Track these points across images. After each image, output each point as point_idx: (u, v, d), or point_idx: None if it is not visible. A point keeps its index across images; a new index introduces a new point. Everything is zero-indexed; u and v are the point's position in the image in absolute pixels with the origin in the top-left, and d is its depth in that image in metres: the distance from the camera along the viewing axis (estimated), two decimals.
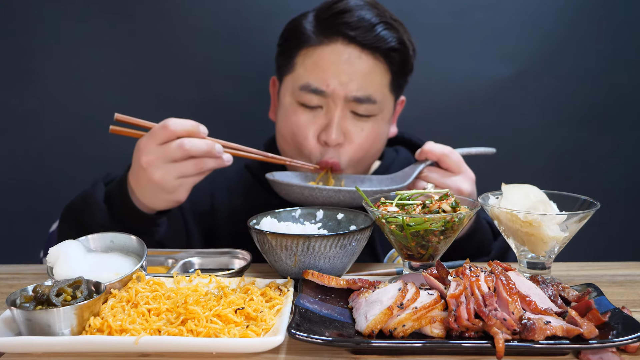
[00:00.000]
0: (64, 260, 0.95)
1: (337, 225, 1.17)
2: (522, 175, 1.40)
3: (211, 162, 1.15)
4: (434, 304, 0.83)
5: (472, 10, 1.84)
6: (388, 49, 1.39)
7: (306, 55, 1.41)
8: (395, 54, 1.41)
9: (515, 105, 1.90)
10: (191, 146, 1.12)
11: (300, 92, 1.39)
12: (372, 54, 1.39)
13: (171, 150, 1.11)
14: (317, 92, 1.38)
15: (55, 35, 1.78)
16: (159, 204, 1.20)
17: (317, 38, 1.40)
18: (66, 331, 0.81)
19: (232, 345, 0.79)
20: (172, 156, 1.12)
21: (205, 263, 1.17)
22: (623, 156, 1.95)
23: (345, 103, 1.38)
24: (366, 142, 1.42)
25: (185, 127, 1.13)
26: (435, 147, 1.27)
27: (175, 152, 1.11)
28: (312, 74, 1.39)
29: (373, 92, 1.39)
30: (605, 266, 1.23)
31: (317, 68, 1.38)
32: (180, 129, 1.12)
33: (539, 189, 1.09)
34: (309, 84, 1.38)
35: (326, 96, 1.38)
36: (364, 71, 1.38)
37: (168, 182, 1.13)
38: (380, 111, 1.42)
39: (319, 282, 0.95)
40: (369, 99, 1.38)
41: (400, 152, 1.63)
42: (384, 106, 1.43)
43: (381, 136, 1.47)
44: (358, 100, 1.37)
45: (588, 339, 0.78)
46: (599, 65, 1.89)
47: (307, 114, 1.40)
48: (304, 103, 1.40)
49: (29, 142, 1.82)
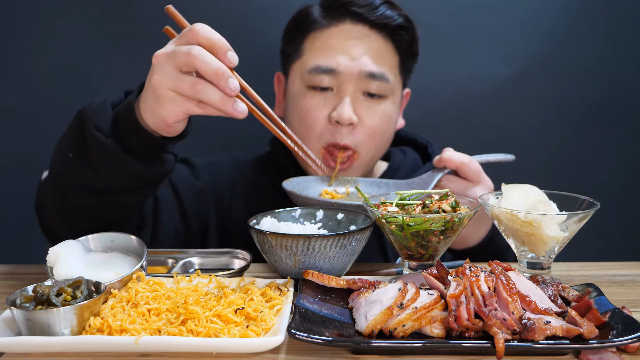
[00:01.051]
0: (64, 260, 0.95)
1: (337, 225, 1.17)
2: (522, 175, 1.40)
3: (214, 93, 0.94)
4: (434, 304, 0.83)
5: (472, 10, 1.85)
6: (396, 27, 1.40)
7: (314, 39, 1.40)
8: (403, 33, 1.41)
9: (515, 105, 1.90)
10: (199, 55, 0.92)
11: (310, 75, 1.38)
12: (380, 33, 1.39)
13: (179, 52, 0.94)
14: (328, 71, 1.36)
15: (55, 35, 1.78)
16: (148, 116, 1.03)
17: (325, 21, 1.40)
18: (66, 331, 0.81)
19: (232, 345, 0.79)
20: (177, 59, 0.94)
21: (205, 263, 1.17)
22: (623, 156, 1.95)
23: (358, 81, 1.36)
24: (379, 124, 1.39)
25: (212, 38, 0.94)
26: (454, 155, 1.24)
27: (180, 54, 0.94)
28: (322, 54, 1.38)
29: (386, 71, 1.38)
30: (605, 266, 1.23)
31: (326, 48, 1.38)
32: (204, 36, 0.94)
33: (539, 189, 1.09)
34: (319, 65, 1.37)
35: (337, 75, 1.36)
36: (375, 48, 1.38)
37: (160, 89, 0.96)
38: (391, 93, 1.41)
39: (319, 282, 0.95)
40: (383, 76, 1.37)
41: (407, 153, 1.62)
42: (395, 88, 1.42)
43: (392, 121, 1.44)
44: (372, 76, 1.36)
45: (588, 339, 0.78)
46: (599, 65, 1.89)
47: (317, 97, 1.38)
48: (314, 85, 1.38)
49: (29, 142, 1.82)
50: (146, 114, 1.03)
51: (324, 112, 1.37)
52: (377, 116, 1.39)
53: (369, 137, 1.39)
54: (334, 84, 1.37)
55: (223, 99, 0.94)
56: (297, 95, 1.41)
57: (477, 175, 1.23)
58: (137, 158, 1.08)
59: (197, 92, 0.93)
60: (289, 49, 1.47)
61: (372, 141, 1.40)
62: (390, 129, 1.45)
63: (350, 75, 1.35)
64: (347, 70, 1.35)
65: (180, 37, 0.97)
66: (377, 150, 1.45)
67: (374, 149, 1.42)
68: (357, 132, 1.37)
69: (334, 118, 1.35)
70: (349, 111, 1.34)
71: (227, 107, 0.94)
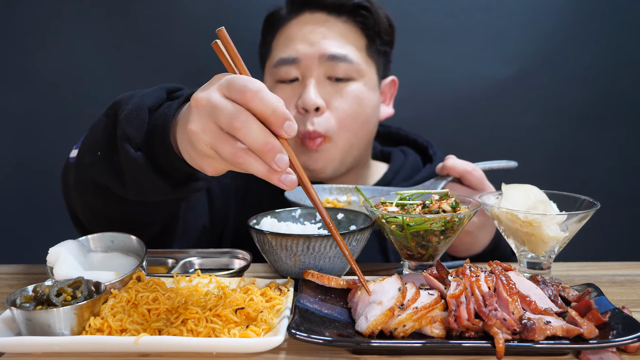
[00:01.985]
0: (64, 260, 0.95)
1: (337, 225, 1.16)
2: (522, 175, 1.40)
3: (258, 166, 0.77)
4: (434, 304, 0.83)
5: (472, 10, 1.85)
6: (353, 7, 1.41)
7: (280, 36, 1.44)
8: (365, 13, 1.41)
9: (515, 105, 1.90)
10: (242, 127, 0.75)
11: (275, 69, 1.41)
12: (339, 17, 1.41)
13: (222, 109, 0.76)
14: (290, 61, 1.38)
15: (55, 35, 1.78)
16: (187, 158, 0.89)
17: (287, 17, 1.44)
18: (66, 331, 0.81)
19: (232, 345, 0.79)
20: (217, 117, 0.76)
21: (205, 263, 1.17)
22: (623, 156, 1.95)
23: (320, 65, 1.37)
24: (349, 106, 1.38)
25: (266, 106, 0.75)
26: (458, 163, 1.23)
27: (222, 116, 0.76)
28: (283, 47, 1.41)
29: (348, 52, 1.39)
30: (605, 266, 1.23)
31: (287, 40, 1.41)
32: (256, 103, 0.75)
33: (539, 189, 1.09)
34: (281, 57, 1.40)
35: (299, 64, 1.38)
36: (335, 32, 1.39)
37: (197, 142, 0.80)
38: (359, 75, 1.41)
39: (319, 282, 0.95)
40: (345, 58, 1.37)
41: (408, 154, 1.61)
42: (363, 71, 1.41)
43: (366, 102, 1.41)
44: (333, 58, 1.36)
45: (588, 339, 0.78)
46: (598, 65, 1.89)
47: (285, 89, 1.40)
48: (282, 79, 1.40)
49: (29, 142, 1.82)
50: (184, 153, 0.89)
51: (292, 103, 1.39)
52: (345, 99, 1.38)
53: (339, 120, 1.38)
54: (299, 73, 1.39)
55: (269, 171, 0.78)
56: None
57: (480, 182, 1.22)
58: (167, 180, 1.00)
59: (239, 163, 0.78)
60: (263, 51, 1.51)
61: (344, 125, 1.39)
62: (364, 111, 1.42)
63: (312, 60, 1.37)
64: (307, 56, 1.37)
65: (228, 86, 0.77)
66: (353, 134, 1.41)
67: (347, 132, 1.40)
68: (327, 117, 1.37)
69: (300, 105, 1.36)
70: (312, 95, 1.34)
71: (273, 179, 0.78)
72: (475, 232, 1.26)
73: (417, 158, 1.60)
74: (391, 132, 1.67)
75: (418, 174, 1.51)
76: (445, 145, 1.80)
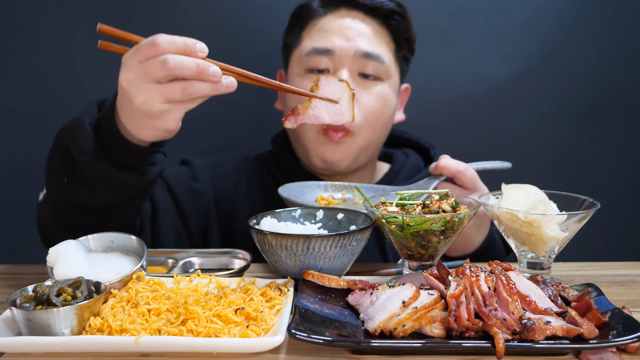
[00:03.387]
0: (64, 260, 0.95)
1: (337, 225, 1.17)
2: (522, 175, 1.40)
3: (204, 87, 0.94)
4: (434, 304, 0.83)
5: (472, 10, 1.85)
6: (389, 12, 1.44)
7: (312, 27, 1.46)
8: (398, 18, 1.45)
9: (515, 105, 1.90)
10: (176, 64, 0.91)
11: (307, 57, 1.43)
12: (374, 19, 1.44)
13: (153, 67, 0.92)
14: (324, 52, 1.40)
15: (55, 35, 1.78)
16: (146, 133, 1.04)
17: (322, 10, 1.46)
18: (66, 331, 0.81)
19: (232, 345, 0.79)
20: (154, 75, 0.92)
21: (205, 263, 1.17)
22: (623, 156, 1.95)
23: (354, 61, 1.40)
24: (375, 105, 1.42)
25: (177, 44, 0.92)
26: (451, 163, 1.24)
27: (157, 70, 0.91)
28: (318, 38, 1.43)
29: (381, 53, 1.43)
30: (605, 266, 1.23)
31: (322, 32, 1.43)
32: (169, 46, 0.91)
33: (539, 189, 1.09)
34: (315, 47, 1.42)
35: (333, 56, 1.40)
36: (369, 32, 1.43)
37: (152, 107, 0.95)
38: (387, 76, 1.44)
39: (319, 282, 0.95)
40: (378, 57, 1.41)
41: (409, 156, 1.63)
42: (391, 73, 1.46)
43: (389, 104, 1.46)
44: (367, 56, 1.40)
45: (588, 339, 0.78)
46: (598, 65, 1.89)
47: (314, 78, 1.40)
48: (312, 68, 1.43)
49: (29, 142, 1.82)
50: (141, 132, 1.03)
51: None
52: (372, 97, 1.42)
53: (364, 117, 1.41)
54: (331, 65, 1.41)
55: (212, 87, 0.94)
56: (295, 78, 1.46)
57: (473, 183, 1.24)
58: (132, 172, 1.10)
59: (190, 94, 0.94)
60: (289, 40, 1.52)
61: (368, 122, 1.42)
62: (387, 112, 1.47)
63: (346, 55, 1.40)
64: (342, 50, 1.39)
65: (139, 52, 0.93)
66: (374, 132, 1.46)
67: (369, 130, 1.44)
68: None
69: None
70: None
71: (219, 91, 0.95)
72: (469, 233, 1.27)
73: (418, 159, 1.62)
74: (394, 134, 1.68)
75: (419, 174, 1.53)
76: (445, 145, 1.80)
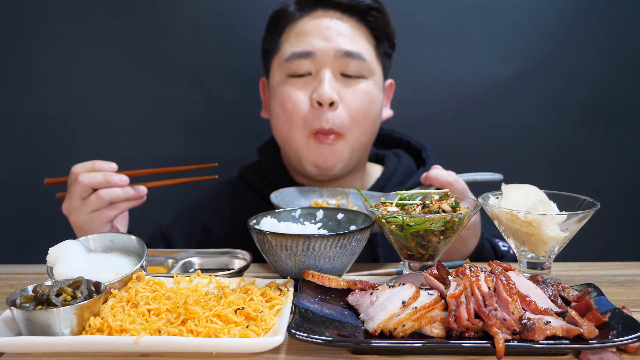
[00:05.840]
0: (64, 260, 0.95)
1: (337, 225, 1.17)
2: (522, 175, 1.40)
3: (114, 191, 1.20)
4: (434, 304, 0.83)
5: (472, 10, 1.84)
6: (365, 8, 1.43)
7: (290, 31, 1.45)
8: (375, 14, 1.44)
9: (515, 105, 1.90)
10: (83, 179, 1.19)
11: (288, 63, 1.41)
12: (352, 17, 1.43)
13: (74, 191, 1.20)
14: (304, 55, 1.39)
15: (55, 35, 1.78)
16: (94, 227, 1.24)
17: (298, 13, 1.45)
18: (66, 331, 0.81)
19: (232, 345, 0.79)
20: (76, 193, 1.20)
21: (205, 263, 1.17)
22: (623, 156, 1.95)
23: (335, 61, 1.39)
24: (361, 103, 1.41)
25: (87, 166, 1.22)
26: (440, 174, 1.24)
27: (76, 190, 1.20)
28: (297, 42, 1.42)
29: (362, 50, 1.41)
30: (605, 266, 1.23)
31: (301, 35, 1.42)
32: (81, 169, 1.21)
33: (539, 189, 1.09)
34: (295, 51, 1.40)
35: (314, 58, 1.39)
36: (348, 31, 1.42)
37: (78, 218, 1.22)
38: (370, 73, 1.43)
39: (319, 282, 0.95)
40: (359, 55, 1.40)
41: (401, 157, 1.61)
42: (373, 69, 1.44)
43: (375, 101, 1.45)
44: (348, 55, 1.39)
45: (588, 339, 0.78)
46: (598, 65, 1.89)
47: (297, 82, 1.41)
48: (293, 73, 1.41)
49: (29, 142, 1.82)
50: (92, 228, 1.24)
51: (305, 96, 1.39)
52: (357, 95, 1.41)
53: (351, 116, 1.40)
54: (312, 67, 1.40)
55: (123, 190, 1.20)
56: (278, 85, 1.44)
57: (462, 194, 1.23)
58: None
59: (102, 198, 1.19)
60: (268, 47, 1.51)
61: (356, 121, 1.41)
62: (374, 109, 1.45)
63: (327, 55, 1.38)
64: (323, 51, 1.38)
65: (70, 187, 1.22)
66: (363, 131, 1.44)
67: (359, 129, 1.43)
68: (340, 112, 1.39)
69: (315, 99, 1.37)
70: (328, 90, 1.36)
71: (130, 194, 1.21)
72: (466, 237, 1.27)
73: (410, 161, 1.61)
74: (384, 134, 1.67)
75: (411, 178, 1.53)
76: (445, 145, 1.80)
